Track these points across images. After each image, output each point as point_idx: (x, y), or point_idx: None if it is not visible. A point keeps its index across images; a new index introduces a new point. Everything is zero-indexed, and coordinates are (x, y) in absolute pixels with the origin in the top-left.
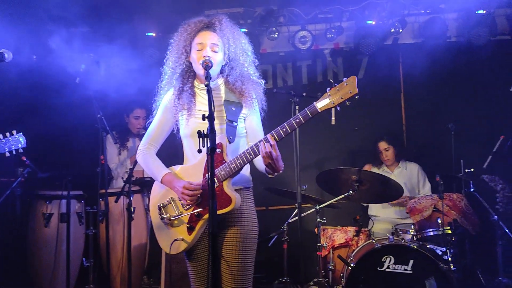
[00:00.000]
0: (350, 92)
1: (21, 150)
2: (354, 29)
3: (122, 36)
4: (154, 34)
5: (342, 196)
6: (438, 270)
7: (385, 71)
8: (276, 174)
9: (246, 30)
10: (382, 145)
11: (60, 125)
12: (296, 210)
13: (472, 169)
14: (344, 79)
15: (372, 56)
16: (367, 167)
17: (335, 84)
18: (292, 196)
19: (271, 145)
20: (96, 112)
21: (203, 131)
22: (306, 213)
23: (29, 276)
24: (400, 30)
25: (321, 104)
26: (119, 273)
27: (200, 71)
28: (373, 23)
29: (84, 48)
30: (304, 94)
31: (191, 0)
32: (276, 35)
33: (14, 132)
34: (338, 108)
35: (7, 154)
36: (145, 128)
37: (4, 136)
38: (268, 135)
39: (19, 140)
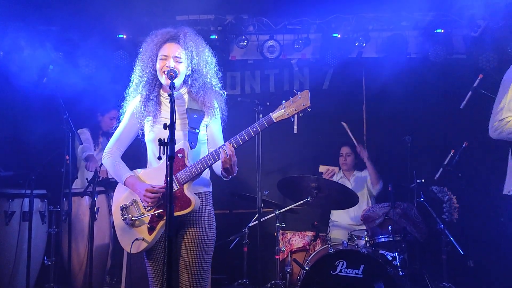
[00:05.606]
0: (303, 105)
1: None
2: (321, 41)
3: (93, 36)
4: (125, 36)
5: (301, 202)
6: (387, 274)
7: (349, 83)
8: (230, 177)
9: (216, 37)
10: (345, 149)
11: (25, 124)
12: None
13: (423, 180)
14: (298, 92)
15: (337, 67)
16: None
17: (290, 97)
18: (254, 200)
19: (228, 153)
20: (62, 113)
21: (164, 139)
22: (266, 217)
23: None
24: (364, 44)
25: (277, 115)
26: (81, 272)
27: (163, 80)
28: (339, 36)
29: (54, 48)
30: (268, 104)
31: (164, 5)
32: (245, 43)
33: None
34: (292, 119)
35: None
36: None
37: None
38: (227, 143)
39: None
